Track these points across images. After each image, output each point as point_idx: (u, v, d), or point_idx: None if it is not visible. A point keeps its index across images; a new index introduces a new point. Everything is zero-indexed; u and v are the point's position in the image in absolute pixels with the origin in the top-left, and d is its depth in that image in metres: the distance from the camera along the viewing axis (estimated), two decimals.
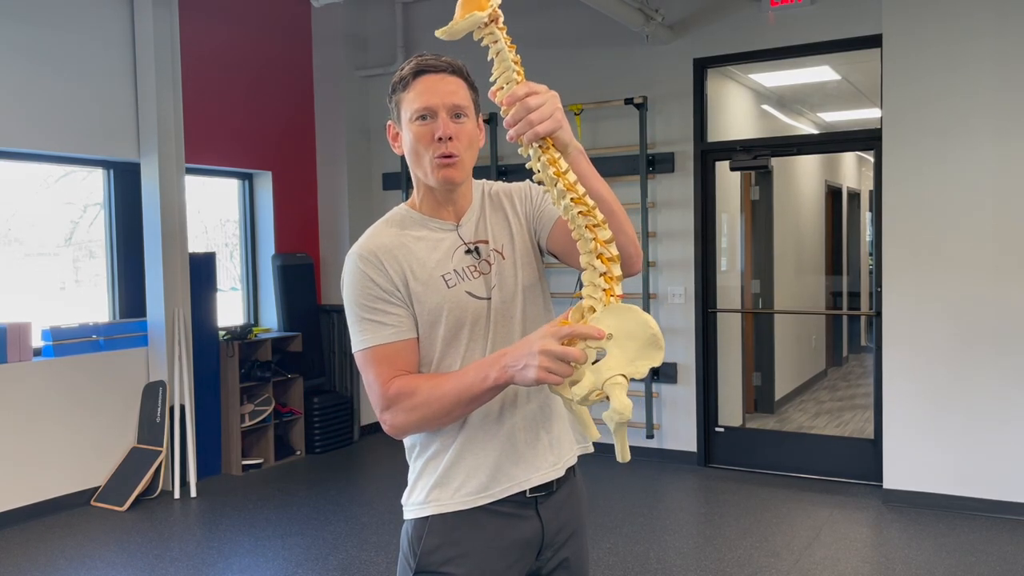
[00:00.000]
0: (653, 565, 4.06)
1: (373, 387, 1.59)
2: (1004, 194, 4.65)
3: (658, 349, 1.35)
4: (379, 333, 1.58)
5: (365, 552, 4.30)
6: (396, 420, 1.57)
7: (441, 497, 1.62)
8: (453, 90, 1.59)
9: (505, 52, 1.44)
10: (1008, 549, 4.20)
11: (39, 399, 4.96)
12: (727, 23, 5.56)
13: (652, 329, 1.35)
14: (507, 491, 1.62)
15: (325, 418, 6.38)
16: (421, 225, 1.66)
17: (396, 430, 1.59)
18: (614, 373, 1.35)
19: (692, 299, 5.79)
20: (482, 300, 1.63)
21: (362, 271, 1.59)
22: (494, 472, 1.62)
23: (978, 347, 4.71)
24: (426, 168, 1.60)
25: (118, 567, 4.21)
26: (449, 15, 1.46)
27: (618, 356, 1.36)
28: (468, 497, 1.61)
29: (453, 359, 1.61)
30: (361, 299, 1.59)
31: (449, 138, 1.57)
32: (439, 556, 1.61)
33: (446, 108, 1.57)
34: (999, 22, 4.63)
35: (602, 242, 1.39)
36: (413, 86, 1.59)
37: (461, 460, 1.62)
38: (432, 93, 1.58)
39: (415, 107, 1.58)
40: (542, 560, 1.69)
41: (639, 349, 1.35)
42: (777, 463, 5.61)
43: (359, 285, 1.59)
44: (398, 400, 1.56)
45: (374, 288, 1.58)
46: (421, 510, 1.64)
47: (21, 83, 4.93)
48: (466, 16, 1.43)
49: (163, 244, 5.44)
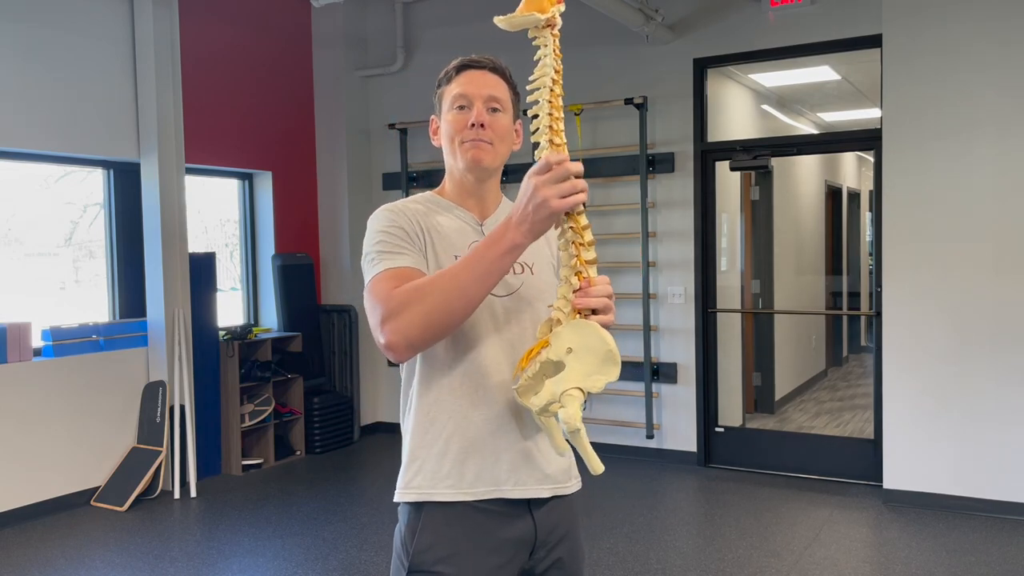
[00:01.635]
0: (653, 565, 4.06)
1: (376, 303, 1.50)
2: (1004, 194, 4.65)
3: (614, 365, 1.40)
4: (396, 260, 1.57)
5: (365, 552, 4.30)
6: (399, 321, 1.45)
7: (425, 485, 1.62)
8: (492, 84, 1.66)
9: (550, 60, 1.48)
10: (1008, 549, 4.20)
11: (39, 399, 4.96)
12: (727, 23, 5.56)
13: (609, 345, 1.40)
14: (491, 494, 1.62)
15: (325, 418, 6.38)
16: (446, 209, 1.70)
17: (400, 336, 1.46)
18: (571, 386, 1.39)
19: (692, 299, 5.79)
20: (490, 295, 1.63)
21: (391, 218, 1.62)
22: (481, 474, 1.62)
23: (978, 347, 4.71)
24: (456, 152, 1.65)
25: (118, 567, 4.21)
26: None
27: (577, 369, 1.41)
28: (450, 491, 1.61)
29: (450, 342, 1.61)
30: (383, 236, 1.59)
31: (482, 125, 1.62)
32: (432, 555, 1.61)
33: (482, 99, 1.64)
34: (999, 22, 4.63)
35: (583, 261, 1.44)
36: (455, 79, 1.66)
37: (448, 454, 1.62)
38: (471, 84, 1.65)
39: (453, 95, 1.65)
40: (535, 559, 1.69)
41: (597, 364, 1.40)
42: (777, 463, 5.61)
43: (384, 224, 1.61)
44: (401, 296, 1.47)
45: (399, 231, 1.60)
46: (404, 495, 1.65)
47: (21, 83, 4.94)
48: (526, 13, 1.46)
49: (163, 244, 5.44)
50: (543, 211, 1.40)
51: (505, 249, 1.44)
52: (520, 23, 1.47)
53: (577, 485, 1.76)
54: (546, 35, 1.48)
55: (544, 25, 1.47)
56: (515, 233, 1.43)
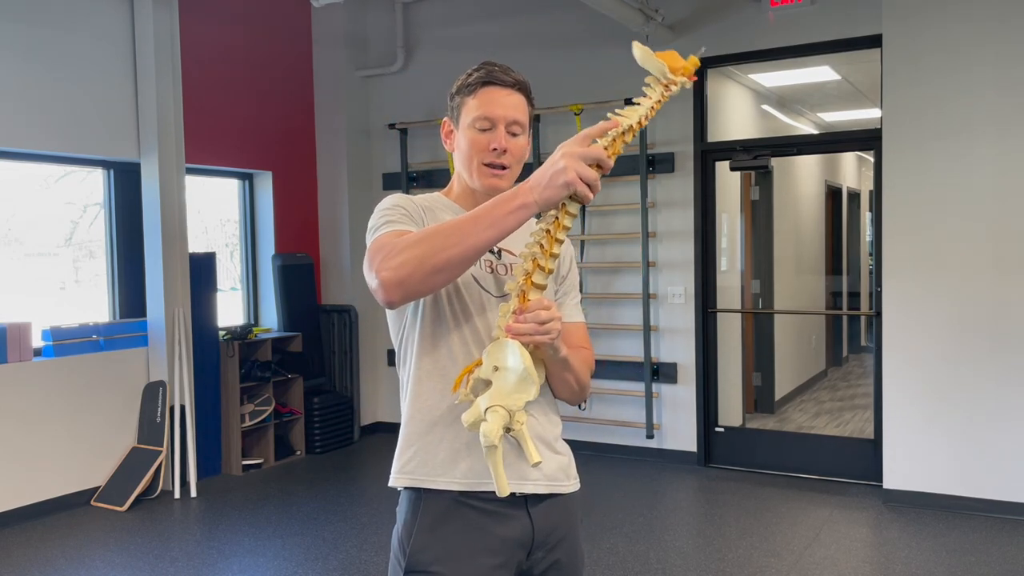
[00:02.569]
0: (653, 565, 4.06)
1: (377, 244, 1.51)
2: (1004, 194, 4.65)
3: (531, 384, 1.47)
4: (400, 225, 1.59)
5: (365, 552, 4.30)
6: (394, 260, 1.44)
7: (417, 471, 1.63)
8: (515, 105, 1.67)
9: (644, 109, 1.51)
10: (1008, 549, 4.20)
11: (39, 399, 4.96)
12: (727, 23, 5.56)
13: (525, 365, 1.46)
14: (482, 486, 1.61)
15: (325, 418, 6.38)
16: (452, 211, 1.71)
17: (391, 272, 1.44)
18: (494, 403, 1.46)
19: (692, 299, 5.79)
20: (487, 293, 1.66)
21: (397, 202, 1.66)
22: (475, 465, 1.61)
23: (978, 347, 4.71)
24: (474, 173, 1.67)
25: (118, 567, 4.21)
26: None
27: (500, 388, 1.47)
28: (441, 479, 1.62)
29: (443, 335, 1.63)
30: (389, 213, 1.62)
31: (504, 151, 1.64)
32: (428, 555, 1.62)
33: (506, 122, 1.65)
34: (999, 22, 4.63)
35: (530, 283, 1.49)
36: (479, 94, 1.66)
37: (442, 443, 1.63)
38: (496, 105, 1.65)
39: (476, 114, 1.65)
40: (533, 560, 1.69)
41: (515, 383, 1.47)
42: (777, 463, 5.61)
43: (390, 204, 1.65)
44: (401, 242, 1.47)
45: (404, 212, 1.64)
46: (397, 480, 1.66)
47: (21, 83, 4.93)
48: (662, 60, 1.51)
49: (163, 244, 5.43)
50: (560, 178, 1.41)
51: (514, 207, 1.44)
52: (650, 65, 1.51)
53: (576, 485, 1.76)
54: (659, 89, 1.52)
55: (665, 81, 1.52)
56: (527, 193, 1.44)
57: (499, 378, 1.47)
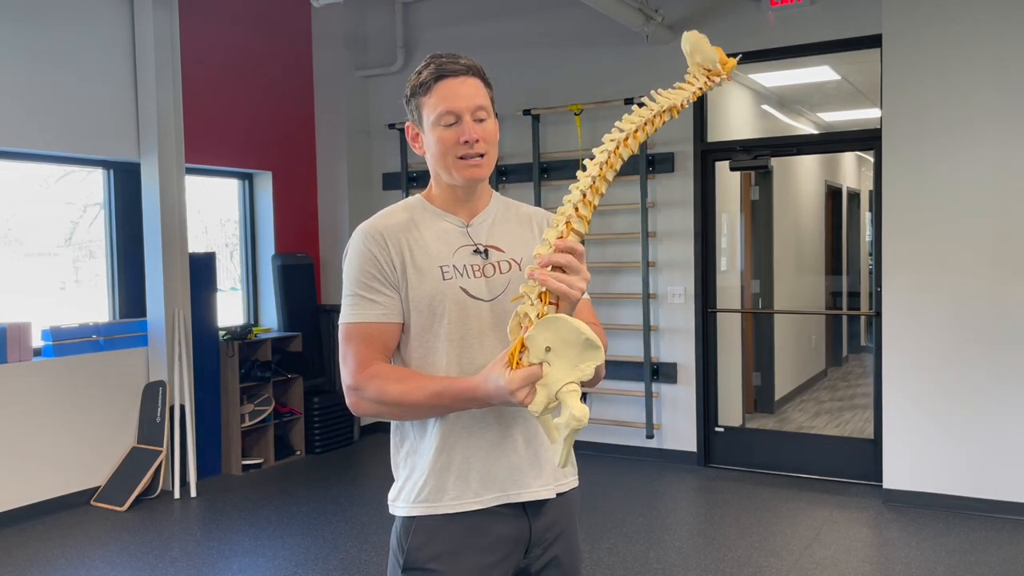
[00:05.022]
0: (653, 565, 4.06)
1: (348, 362, 1.63)
2: (1004, 194, 4.65)
3: (595, 348, 1.40)
4: (368, 311, 1.63)
5: (365, 552, 4.30)
6: (360, 406, 1.63)
7: (430, 498, 1.63)
8: (474, 92, 1.63)
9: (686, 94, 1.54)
10: (1008, 549, 4.20)
11: (39, 399, 4.96)
12: (727, 23, 5.56)
13: (585, 333, 1.39)
14: (498, 500, 1.63)
15: (325, 418, 6.38)
16: (434, 216, 1.70)
17: (356, 411, 1.65)
18: (564, 382, 1.39)
19: (692, 299, 5.79)
20: (480, 301, 1.64)
21: (366, 248, 1.65)
22: (486, 481, 1.62)
23: (978, 347, 4.71)
24: (451, 168, 1.64)
25: (118, 567, 4.21)
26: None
27: (561, 365, 1.40)
28: (456, 502, 1.62)
29: (438, 353, 1.63)
30: (359, 275, 1.65)
31: (476, 140, 1.62)
32: (426, 553, 1.62)
33: (470, 111, 1.62)
34: (999, 22, 4.63)
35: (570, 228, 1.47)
36: (435, 90, 1.63)
37: (452, 465, 1.63)
38: (455, 97, 1.62)
39: (439, 111, 1.62)
40: (531, 557, 1.69)
41: (578, 354, 1.40)
42: (777, 463, 5.61)
43: (360, 260, 1.65)
44: (367, 388, 1.60)
45: (374, 265, 1.64)
46: (410, 510, 1.65)
47: (21, 83, 4.93)
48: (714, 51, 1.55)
49: (163, 244, 5.43)
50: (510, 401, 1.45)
51: (467, 404, 1.54)
52: (705, 50, 1.54)
53: (574, 482, 1.76)
54: (702, 79, 1.54)
55: (709, 69, 1.54)
56: (482, 400, 1.50)
57: (556, 356, 1.40)
